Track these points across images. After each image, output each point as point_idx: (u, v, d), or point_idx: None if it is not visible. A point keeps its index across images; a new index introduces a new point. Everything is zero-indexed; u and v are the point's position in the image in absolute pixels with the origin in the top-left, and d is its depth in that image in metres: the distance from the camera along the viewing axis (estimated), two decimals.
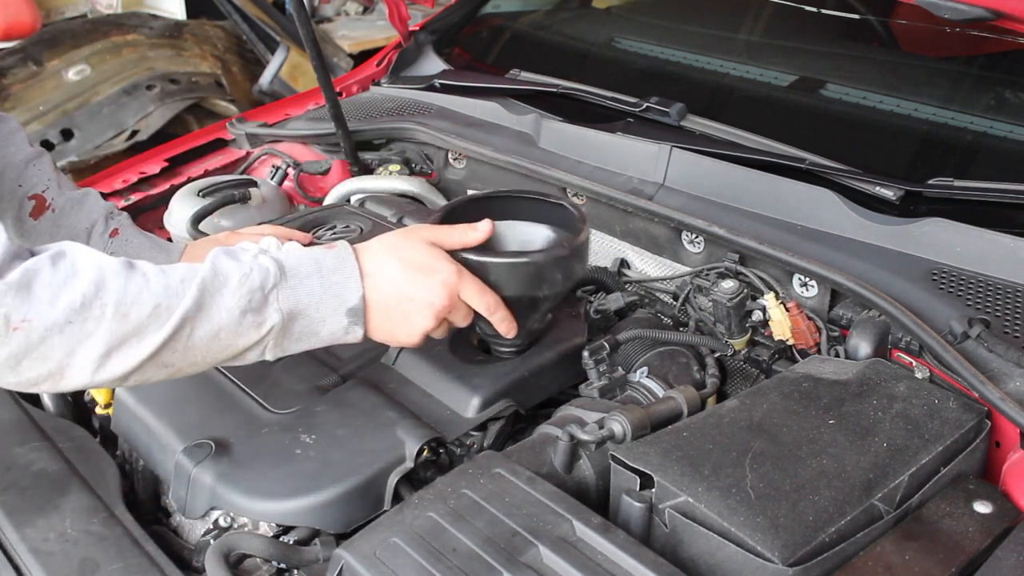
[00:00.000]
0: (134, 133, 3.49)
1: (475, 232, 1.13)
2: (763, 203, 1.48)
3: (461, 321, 1.10)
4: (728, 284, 1.36)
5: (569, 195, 1.66)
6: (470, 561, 0.89)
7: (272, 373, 1.26)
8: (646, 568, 0.86)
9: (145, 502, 1.27)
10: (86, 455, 1.21)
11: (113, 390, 1.28)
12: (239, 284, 0.94)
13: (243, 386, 1.23)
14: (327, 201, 1.88)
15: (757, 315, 1.37)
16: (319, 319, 0.99)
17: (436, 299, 1.04)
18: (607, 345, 1.29)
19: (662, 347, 1.39)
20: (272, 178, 1.97)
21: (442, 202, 1.87)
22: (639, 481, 0.98)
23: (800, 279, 1.39)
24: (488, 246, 1.18)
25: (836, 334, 1.34)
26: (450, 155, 1.91)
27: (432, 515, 0.95)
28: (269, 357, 1.01)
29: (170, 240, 1.72)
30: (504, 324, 1.14)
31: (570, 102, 1.85)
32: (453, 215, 1.25)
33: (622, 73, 2.09)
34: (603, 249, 1.65)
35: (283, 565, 1.06)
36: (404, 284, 1.03)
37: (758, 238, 1.39)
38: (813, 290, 1.38)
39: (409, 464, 1.09)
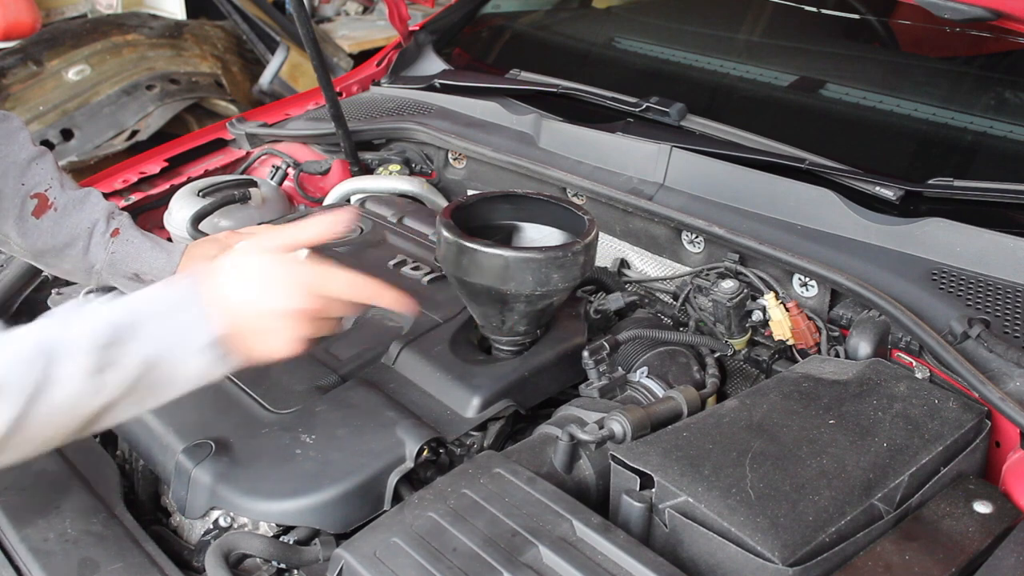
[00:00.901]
0: (134, 133, 3.49)
1: (335, 223, 1.02)
2: (763, 203, 1.48)
3: (342, 312, 1.01)
4: (728, 284, 1.36)
5: (569, 195, 1.66)
6: (470, 561, 0.89)
7: (272, 373, 1.26)
8: (646, 568, 0.86)
9: (145, 502, 1.27)
10: (86, 455, 1.21)
11: None
12: (86, 345, 0.86)
13: (243, 386, 1.23)
14: (327, 201, 1.88)
15: (757, 315, 1.37)
16: (180, 361, 0.91)
17: (296, 303, 0.95)
18: (607, 345, 1.29)
19: (662, 347, 1.39)
20: (272, 178, 1.97)
21: (442, 202, 1.88)
22: (639, 481, 0.98)
23: (800, 279, 1.39)
24: (499, 244, 1.19)
25: (836, 334, 1.34)
26: (450, 155, 1.91)
27: (432, 515, 0.95)
28: (132, 414, 0.93)
29: (170, 240, 1.72)
30: (397, 303, 1.04)
31: (570, 102, 1.85)
32: (461, 213, 1.27)
33: (622, 73, 2.09)
34: (603, 249, 1.65)
35: (283, 565, 1.06)
36: (258, 300, 0.94)
37: (758, 238, 1.39)
38: (813, 290, 1.38)
39: (409, 464, 1.09)
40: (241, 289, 0.94)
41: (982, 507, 0.99)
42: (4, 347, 0.85)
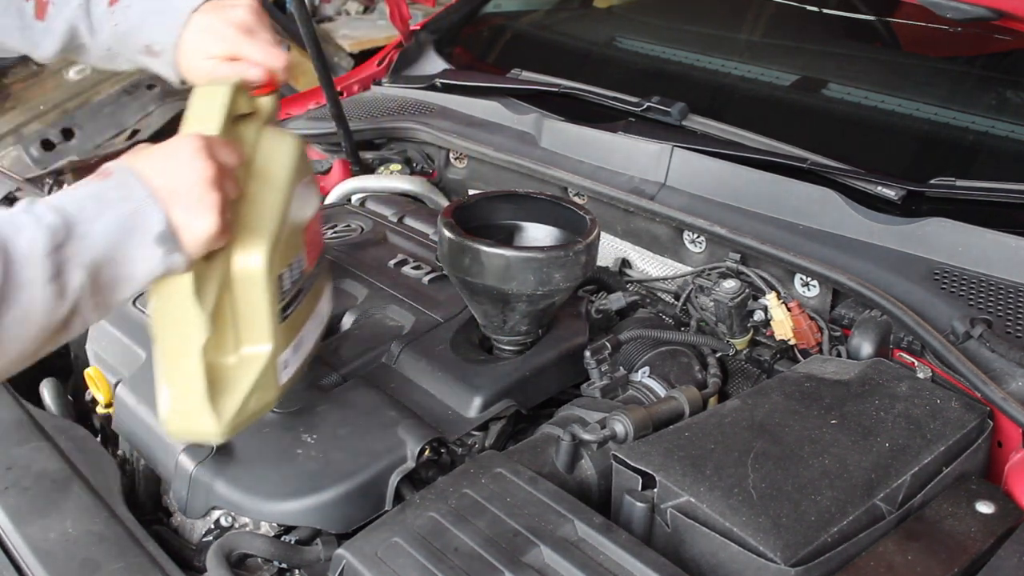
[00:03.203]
0: (135, 132, 3.48)
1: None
2: (765, 203, 1.47)
3: (231, 159, 0.96)
4: (730, 284, 1.36)
5: (571, 194, 1.66)
6: (472, 561, 0.89)
7: None
8: (648, 568, 0.86)
9: (146, 502, 1.27)
10: (87, 455, 1.21)
11: (114, 389, 1.27)
12: (30, 254, 0.79)
13: None
14: (328, 200, 1.88)
15: (759, 315, 1.37)
16: (126, 260, 0.86)
17: (200, 170, 0.90)
18: (609, 345, 1.29)
19: (664, 347, 1.39)
20: None
21: (443, 202, 1.88)
22: (641, 481, 0.98)
23: (802, 279, 1.38)
24: (501, 243, 1.20)
25: (838, 334, 1.34)
26: (451, 155, 1.91)
27: (433, 515, 0.95)
28: (92, 321, 0.88)
29: None
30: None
31: (571, 102, 1.85)
32: (463, 212, 1.27)
33: (623, 73, 2.09)
34: (604, 249, 1.65)
35: (284, 565, 1.06)
36: (171, 179, 0.90)
37: (760, 238, 1.39)
38: (815, 290, 1.38)
39: (411, 464, 1.09)
40: (164, 173, 0.90)
41: (984, 507, 0.99)
42: None
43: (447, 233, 1.21)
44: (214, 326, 0.99)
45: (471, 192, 1.77)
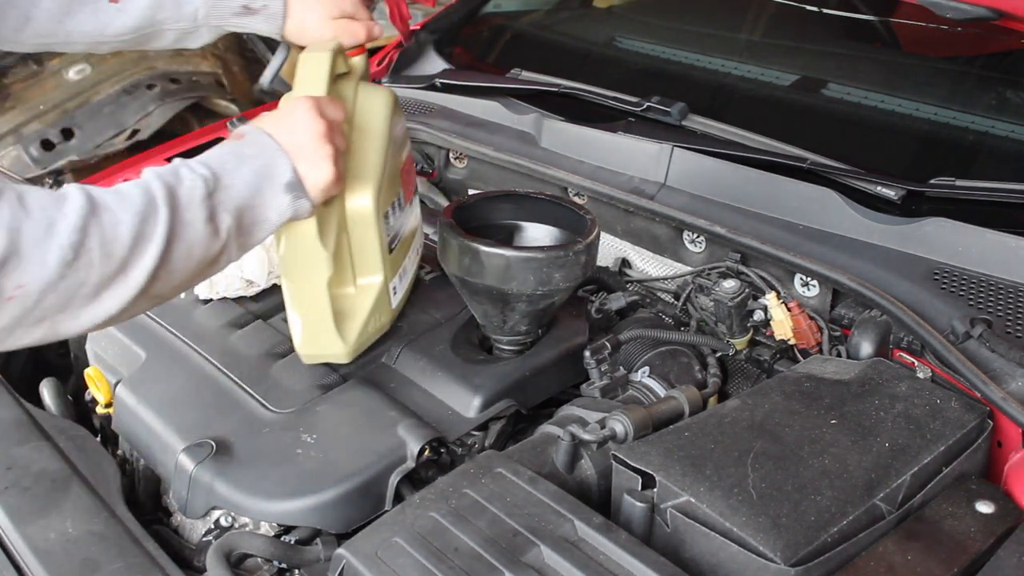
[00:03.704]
0: (135, 132, 3.48)
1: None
2: (765, 203, 1.47)
3: (338, 115, 1.10)
4: (729, 284, 1.36)
5: (571, 194, 1.66)
6: (472, 561, 0.89)
7: (273, 373, 1.26)
8: (648, 568, 0.86)
9: (146, 502, 1.27)
10: (87, 454, 1.21)
11: (114, 389, 1.27)
12: (191, 198, 0.93)
13: (244, 385, 1.23)
14: None
15: (759, 315, 1.37)
16: (263, 206, 0.99)
17: (317, 126, 1.04)
18: (608, 345, 1.29)
19: (664, 347, 1.39)
20: None
21: (443, 202, 1.88)
22: (641, 481, 0.98)
23: (802, 279, 1.38)
24: (501, 243, 1.20)
25: (838, 334, 1.34)
26: (451, 154, 1.91)
27: (433, 515, 0.95)
28: (235, 258, 1.01)
29: None
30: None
31: (571, 101, 1.85)
32: (463, 212, 1.27)
33: (623, 72, 2.09)
34: (604, 249, 1.65)
35: (284, 565, 1.06)
36: (294, 136, 1.04)
37: (760, 238, 1.39)
38: (814, 290, 1.38)
39: (410, 464, 1.09)
40: (285, 132, 1.03)
41: (984, 507, 0.99)
42: (129, 201, 0.89)
43: (447, 233, 1.21)
44: (335, 263, 1.16)
45: (471, 192, 1.77)
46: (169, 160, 1.78)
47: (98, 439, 1.31)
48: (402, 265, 1.32)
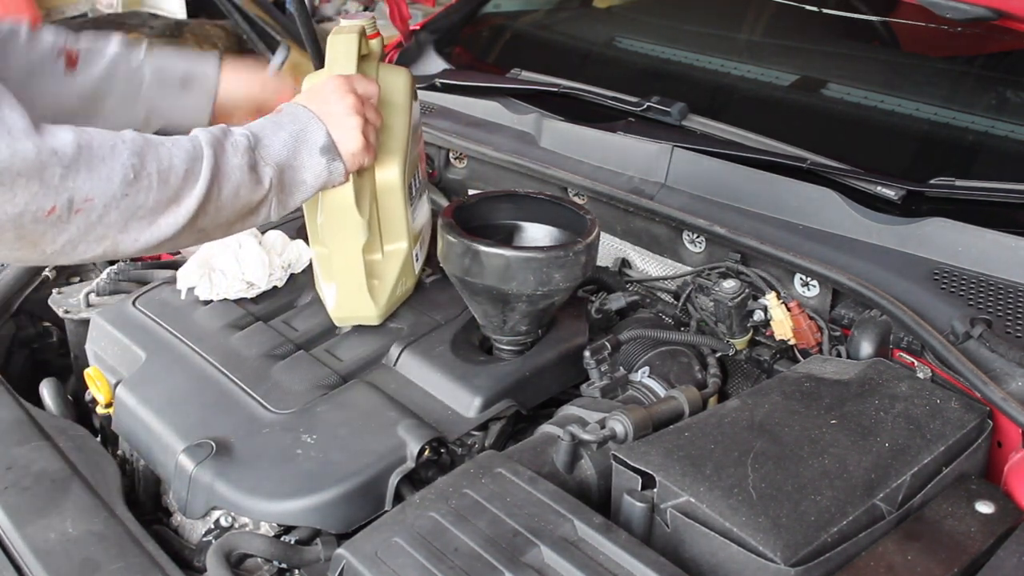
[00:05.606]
0: None
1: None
2: (765, 203, 1.47)
3: (366, 89, 1.20)
4: (729, 284, 1.36)
5: (571, 194, 1.66)
6: (472, 561, 0.89)
7: (273, 374, 1.26)
8: (647, 568, 0.86)
9: (146, 502, 1.27)
10: (87, 455, 1.21)
11: (114, 389, 1.27)
12: (235, 147, 1.03)
13: (244, 386, 1.23)
14: None
15: (758, 315, 1.37)
16: (301, 167, 1.09)
17: (348, 101, 1.14)
18: (608, 345, 1.29)
19: (663, 347, 1.39)
20: None
21: (443, 202, 1.87)
22: (641, 481, 0.98)
23: (802, 279, 1.38)
24: (501, 243, 1.20)
25: (837, 334, 1.34)
26: (451, 154, 1.91)
27: (433, 515, 0.95)
28: (275, 216, 1.09)
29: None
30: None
31: (571, 101, 1.85)
32: (462, 212, 1.27)
33: (623, 73, 2.09)
34: (604, 249, 1.65)
35: (284, 565, 1.06)
36: (327, 107, 1.13)
37: (760, 238, 1.39)
38: (814, 290, 1.38)
39: (410, 464, 1.09)
40: (317, 104, 1.13)
41: (984, 507, 0.99)
42: (179, 144, 0.99)
43: (447, 233, 1.21)
44: (368, 231, 1.25)
45: (471, 192, 1.77)
46: None
47: (98, 439, 1.31)
48: (421, 233, 1.43)
